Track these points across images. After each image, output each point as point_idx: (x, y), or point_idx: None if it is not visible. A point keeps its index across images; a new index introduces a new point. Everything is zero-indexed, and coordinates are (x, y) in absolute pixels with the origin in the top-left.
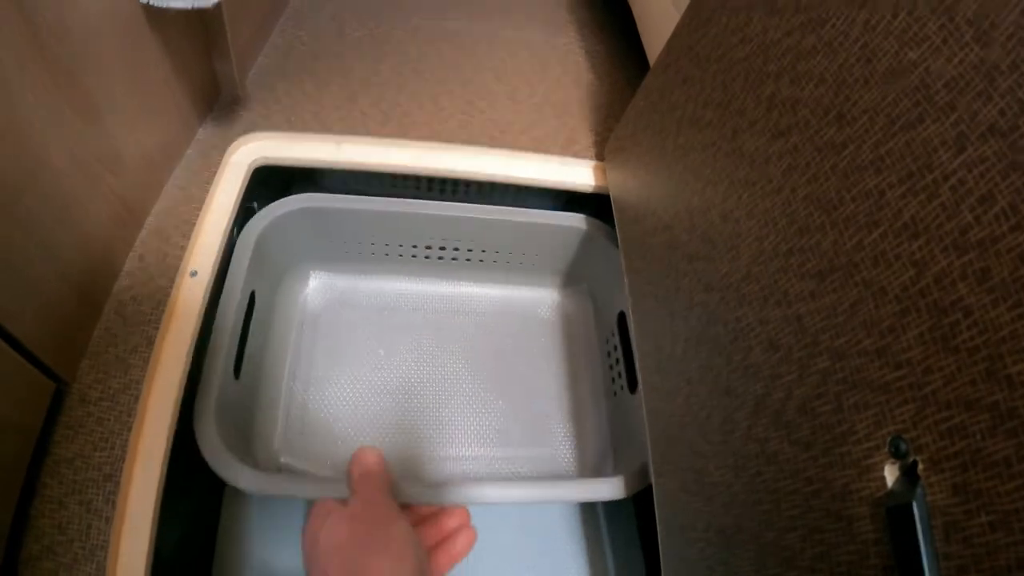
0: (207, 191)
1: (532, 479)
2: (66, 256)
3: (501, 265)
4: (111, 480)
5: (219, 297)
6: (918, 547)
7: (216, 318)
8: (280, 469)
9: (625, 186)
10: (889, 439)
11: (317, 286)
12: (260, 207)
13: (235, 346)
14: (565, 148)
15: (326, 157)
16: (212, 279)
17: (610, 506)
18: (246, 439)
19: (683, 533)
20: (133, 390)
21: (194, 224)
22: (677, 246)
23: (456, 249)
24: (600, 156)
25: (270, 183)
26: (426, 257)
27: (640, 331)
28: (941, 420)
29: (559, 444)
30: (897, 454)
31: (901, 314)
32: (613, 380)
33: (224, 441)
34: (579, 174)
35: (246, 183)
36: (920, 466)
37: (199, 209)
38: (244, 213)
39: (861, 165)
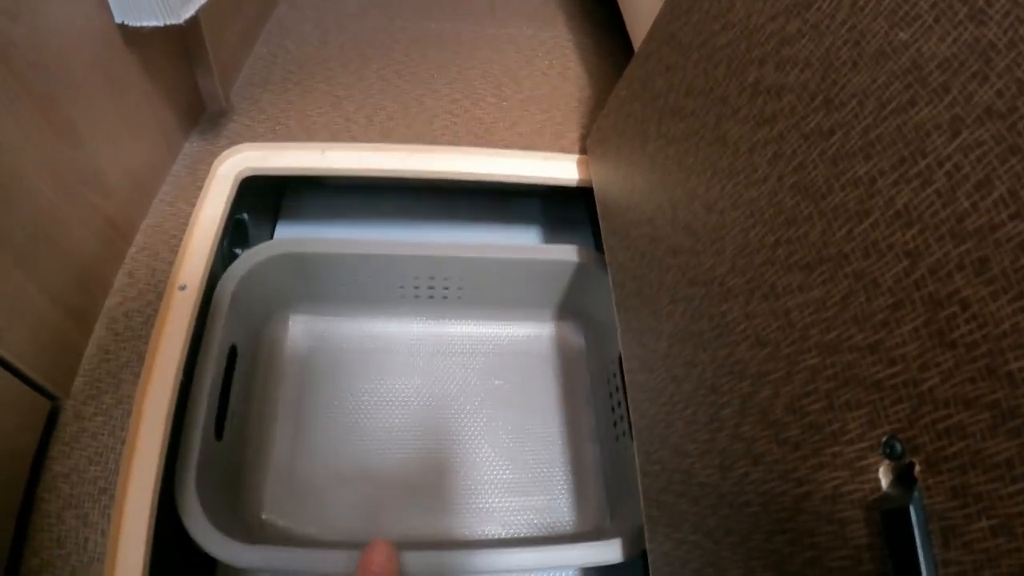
0: (195, 205)
1: (527, 540)
2: (54, 277)
3: (492, 303)
4: (106, 494)
5: (207, 311)
6: (915, 553)
7: (194, 376)
8: (263, 526)
9: (607, 178)
10: (883, 439)
11: (300, 331)
12: (250, 217)
13: (215, 406)
14: (552, 143)
15: (311, 164)
16: (201, 292)
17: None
18: (232, 499)
19: (669, 535)
20: (125, 404)
21: (182, 238)
22: (660, 239)
23: (445, 288)
24: (585, 149)
25: (259, 192)
26: (415, 297)
27: (625, 328)
28: (938, 419)
29: (557, 493)
30: (892, 455)
31: (895, 307)
32: (615, 424)
33: (209, 505)
34: (565, 169)
35: (234, 194)
36: (916, 468)
37: (187, 223)
38: (234, 224)
39: (850, 152)
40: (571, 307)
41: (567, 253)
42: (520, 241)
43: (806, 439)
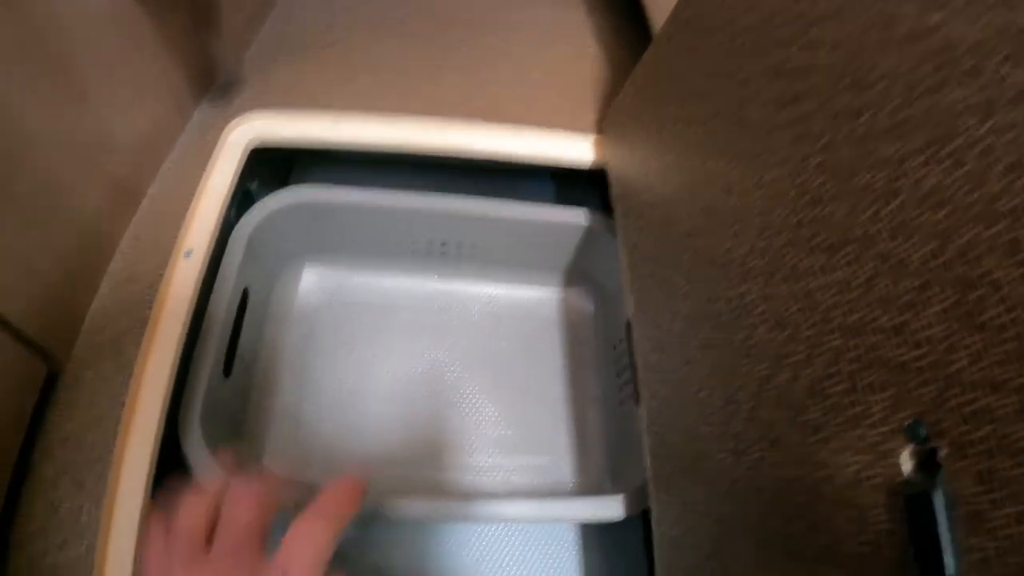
0: (203, 172)
1: (527, 494)
2: (59, 238)
3: (502, 263)
4: (102, 461)
5: (213, 281)
6: (938, 539)
7: (206, 314)
8: (262, 470)
9: (623, 160)
10: (907, 423)
11: (313, 281)
12: (258, 188)
13: (225, 343)
14: (567, 124)
15: (323, 135)
16: (207, 260)
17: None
18: (235, 440)
19: (679, 520)
20: (126, 371)
21: (189, 205)
22: (676, 220)
23: (459, 245)
24: (601, 130)
25: (269, 163)
26: (427, 253)
27: (638, 308)
28: (965, 403)
29: (559, 454)
30: (916, 439)
31: (922, 289)
32: (620, 389)
33: (211, 442)
34: (580, 150)
35: (243, 163)
36: (941, 452)
37: (195, 190)
38: (242, 195)
39: (878, 132)
40: (579, 271)
41: (577, 216)
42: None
43: (827, 422)
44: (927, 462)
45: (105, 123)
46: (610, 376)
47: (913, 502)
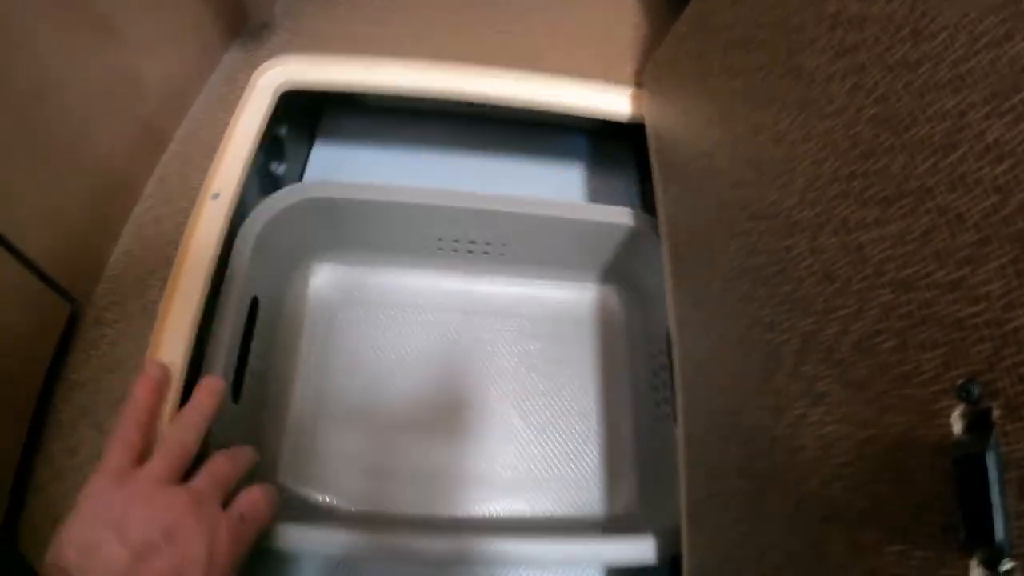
0: (232, 115)
1: (552, 528)
2: (84, 178)
3: (532, 262)
4: (123, 404)
5: (238, 226)
6: (988, 503)
7: (210, 341)
8: (285, 495)
9: (663, 113)
10: (959, 382)
11: (325, 282)
12: (287, 134)
13: (232, 370)
14: (605, 76)
15: (355, 79)
16: (235, 202)
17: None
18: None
19: (710, 480)
20: (150, 312)
21: (217, 148)
22: (719, 173)
23: (487, 244)
24: (640, 83)
25: (298, 109)
26: (453, 251)
27: (674, 264)
28: (1021, 362)
29: (588, 471)
30: (968, 399)
31: (980, 244)
32: (657, 404)
33: None
34: (617, 102)
35: (272, 108)
36: (994, 413)
37: (223, 134)
38: (271, 140)
39: (938, 84)
40: (617, 274)
41: (620, 216)
42: (564, 178)
43: (874, 380)
44: (979, 423)
45: (134, 63)
46: (647, 388)
47: (963, 464)
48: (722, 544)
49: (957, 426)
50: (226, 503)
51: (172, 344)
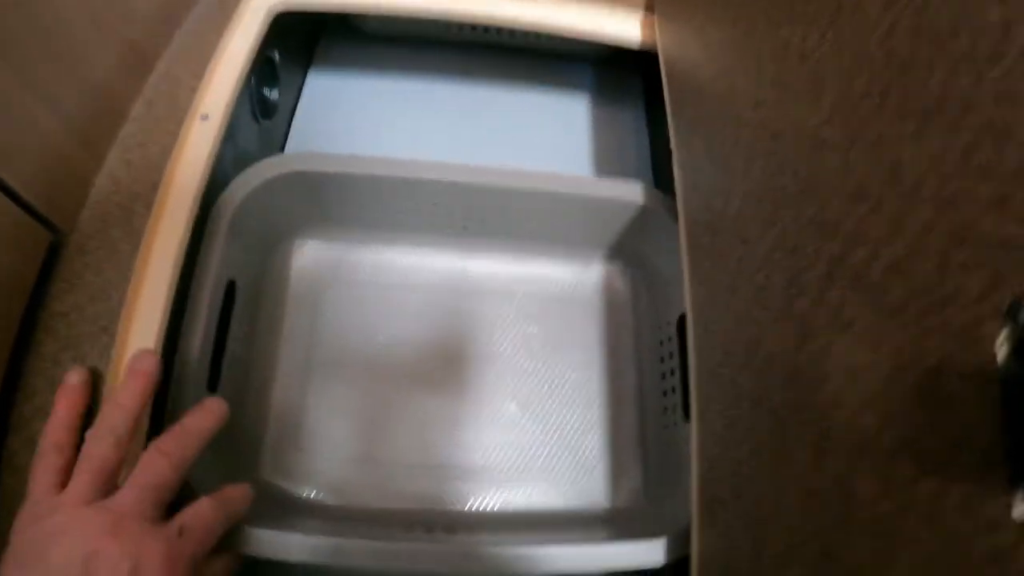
0: (223, 36)
1: (553, 527)
2: (68, 102)
3: (533, 240)
4: (107, 333)
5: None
6: None
7: (183, 327)
8: (263, 490)
9: (676, 36)
10: (1008, 303)
11: (309, 260)
12: (281, 59)
13: (207, 358)
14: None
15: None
16: (224, 125)
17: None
18: (230, 461)
19: (723, 412)
20: (134, 238)
21: (207, 69)
22: (739, 93)
23: (482, 220)
24: (650, 7)
25: (293, 33)
26: (449, 227)
27: (688, 189)
28: None
29: (590, 465)
30: (1015, 321)
31: None
32: (664, 394)
33: (199, 473)
34: (628, 25)
35: (265, 29)
36: None
37: (213, 55)
38: (264, 62)
39: None
40: (625, 253)
41: (630, 192)
42: (569, 110)
43: (909, 305)
44: None
45: None
46: (653, 376)
47: (1009, 390)
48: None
49: (1002, 351)
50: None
51: (159, 270)
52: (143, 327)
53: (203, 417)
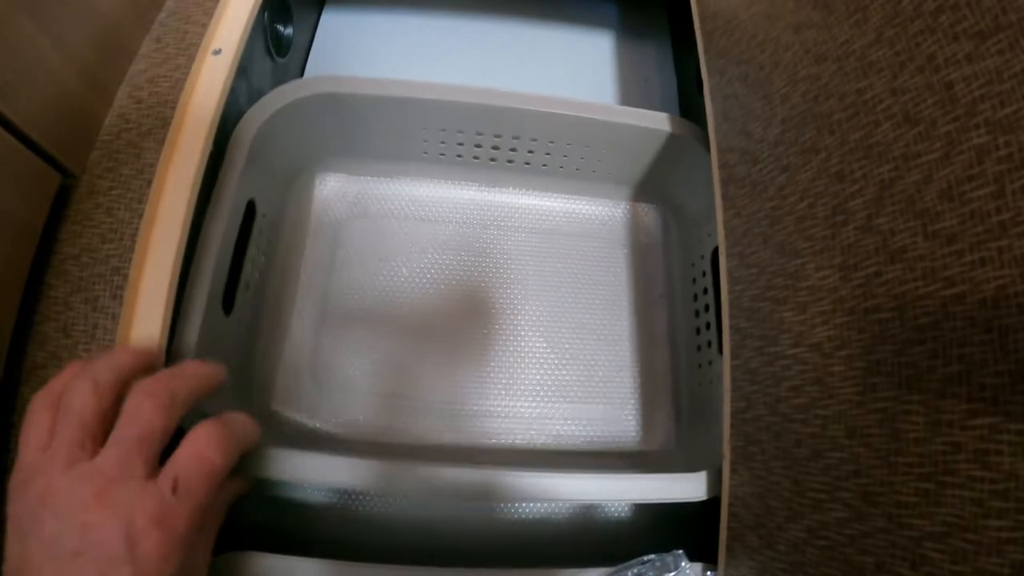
0: None
1: (583, 454)
2: (74, 36)
3: (561, 173)
4: (119, 273)
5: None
6: None
7: (199, 240)
8: (271, 419)
9: None
10: None
11: (331, 191)
12: None
13: (225, 271)
14: None
15: None
16: (236, 60)
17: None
18: (242, 386)
19: (762, 349)
20: (146, 175)
21: (217, 4)
22: (779, 16)
23: (512, 150)
24: None
25: None
26: (475, 158)
27: (723, 119)
28: None
29: (620, 403)
30: None
31: None
32: (697, 331)
33: (210, 397)
34: None
35: None
36: None
37: None
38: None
39: None
40: (654, 188)
41: (660, 121)
42: (592, 46)
43: (964, 231)
44: None
45: None
46: (686, 314)
47: None
48: (776, 446)
49: None
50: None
51: (170, 207)
52: (157, 262)
53: (199, 365)
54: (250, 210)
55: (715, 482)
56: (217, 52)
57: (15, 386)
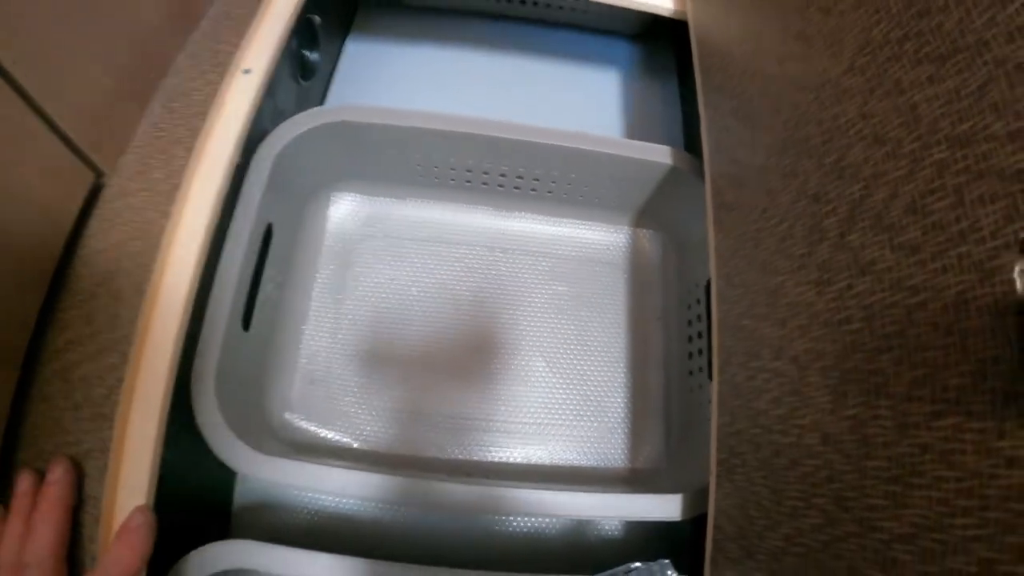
0: None
1: (575, 479)
2: (113, 47)
3: (565, 200)
4: (144, 269)
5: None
6: None
7: (220, 263)
8: (281, 428)
9: (705, 2)
10: (1022, 235)
11: (345, 212)
12: (322, 23)
13: (244, 295)
14: None
15: None
16: (266, 80)
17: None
18: (257, 396)
19: (745, 363)
20: (175, 179)
21: (249, 27)
22: (766, 51)
23: (520, 178)
24: None
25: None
26: (484, 184)
27: (714, 149)
28: None
29: (613, 423)
30: None
31: None
32: (690, 356)
33: (229, 407)
34: None
35: None
36: None
37: (255, 14)
38: (304, 24)
39: None
40: (654, 216)
41: (660, 154)
42: (602, 83)
43: (927, 241)
44: None
45: None
46: (680, 339)
47: None
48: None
49: (1020, 281)
50: None
51: (197, 207)
52: (181, 259)
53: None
54: (267, 234)
55: (695, 503)
56: (248, 71)
57: (36, 366)
